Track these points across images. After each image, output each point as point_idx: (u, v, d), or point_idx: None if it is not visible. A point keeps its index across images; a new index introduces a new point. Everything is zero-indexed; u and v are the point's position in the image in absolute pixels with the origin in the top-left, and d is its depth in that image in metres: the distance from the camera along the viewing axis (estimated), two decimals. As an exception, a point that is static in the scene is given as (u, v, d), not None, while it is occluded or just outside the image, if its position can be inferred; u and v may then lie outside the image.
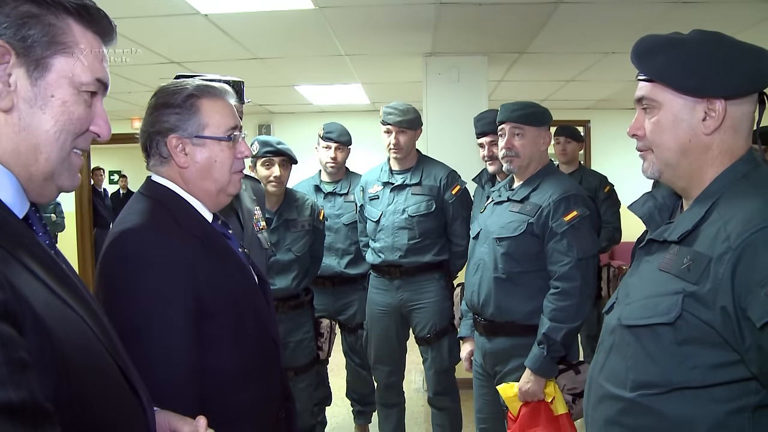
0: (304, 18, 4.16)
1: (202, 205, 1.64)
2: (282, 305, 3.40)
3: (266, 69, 5.74)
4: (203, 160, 1.60)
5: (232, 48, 4.86)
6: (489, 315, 2.81)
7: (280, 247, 3.42)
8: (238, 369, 1.58)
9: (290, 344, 3.45)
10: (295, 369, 3.49)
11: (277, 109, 8.45)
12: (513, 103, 2.82)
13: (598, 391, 1.49)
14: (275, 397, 1.75)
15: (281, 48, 5.07)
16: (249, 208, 2.51)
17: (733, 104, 1.37)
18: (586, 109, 8.36)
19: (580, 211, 2.66)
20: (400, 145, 3.61)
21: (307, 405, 3.58)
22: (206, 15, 4.02)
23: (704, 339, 1.26)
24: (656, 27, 3.95)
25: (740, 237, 1.23)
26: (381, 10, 4.09)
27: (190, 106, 1.59)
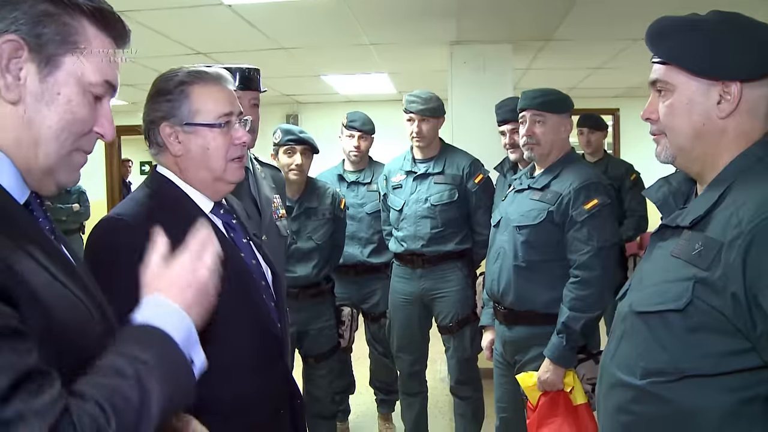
0: (327, 7, 4.16)
1: (200, 193, 1.63)
2: (302, 293, 3.43)
3: (292, 59, 5.75)
4: (197, 147, 1.59)
5: (257, 38, 4.87)
6: (509, 303, 2.80)
7: (301, 235, 3.44)
8: (229, 363, 1.50)
9: (311, 332, 3.48)
10: (315, 356, 3.52)
11: (304, 99, 8.48)
12: (534, 90, 2.80)
13: (609, 378, 1.47)
14: (275, 393, 1.70)
15: (306, 38, 5.08)
16: (267, 195, 2.52)
17: (750, 87, 1.33)
18: (616, 97, 8.27)
19: (600, 199, 2.63)
20: (422, 134, 3.60)
21: (327, 392, 3.61)
22: (230, 5, 4.04)
23: (715, 326, 1.24)
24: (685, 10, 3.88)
25: (752, 222, 1.20)
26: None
27: (180, 93, 1.58)
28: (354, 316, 3.76)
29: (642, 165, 4.98)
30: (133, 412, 0.86)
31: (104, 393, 0.84)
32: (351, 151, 4.03)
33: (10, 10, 0.95)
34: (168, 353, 0.96)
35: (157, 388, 0.90)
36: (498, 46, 5.22)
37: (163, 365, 0.93)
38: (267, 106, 8.03)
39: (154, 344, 0.94)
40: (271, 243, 2.38)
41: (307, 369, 3.56)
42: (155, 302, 1.01)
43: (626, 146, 8.31)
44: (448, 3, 4.12)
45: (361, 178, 4.11)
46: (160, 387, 0.90)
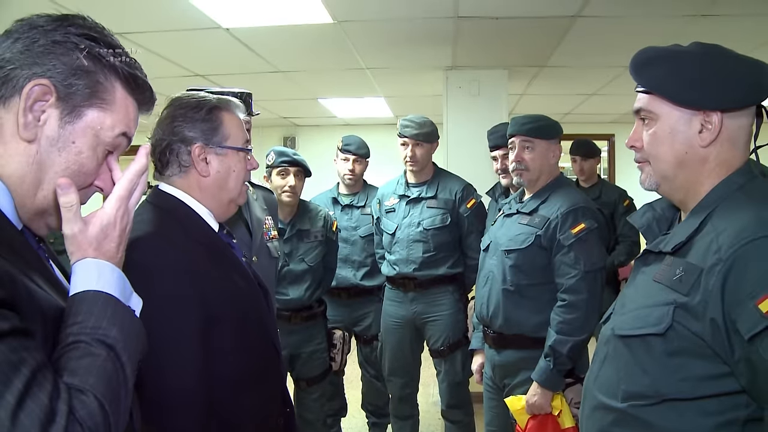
0: (323, 32, 4.21)
1: (210, 215, 1.68)
2: (295, 316, 3.45)
3: (289, 82, 5.81)
4: (223, 169, 1.67)
5: (254, 61, 4.93)
6: (498, 327, 2.81)
7: (293, 257, 3.46)
8: (241, 375, 1.60)
9: (303, 355, 3.49)
10: (307, 380, 3.53)
11: (302, 122, 8.53)
12: (523, 116, 2.84)
13: (592, 401, 1.49)
14: (275, 404, 1.78)
15: (303, 61, 5.13)
16: (259, 217, 2.55)
17: (730, 117, 1.37)
18: (611, 123, 8.33)
19: (587, 223, 2.66)
20: (416, 158, 3.64)
21: (319, 416, 3.61)
22: (228, 29, 4.10)
23: (694, 351, 1.26)
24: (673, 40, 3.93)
25: (731, 249, 1.23)
26: (399, 24, 4.13)
27: (215, 118, 1.66)
28: (346, 339, 3.76)
29: (637, 190, 4.98)
30: (120, 389, 0.94)
31: (95, 381, 0.91)
32: (346, 174, 4.07)
33: (52, 59, 1.01)
34: (119, 314, 1.01)
35: (125, 356, 0.97)
36: (493, 71, 5.28)
37: (123, 330, 0.99)
38: (264, 128, 8.13)
39: (107, 311, 0.99)
40: (261, 264, 2.41)
41: (299, 392, 3.56)
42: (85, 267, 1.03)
43: (621, 171, 8.36)
44: (444, 29, 4.18)
45: (355, 201, 4.14)
46: (128, 354, 0.98)
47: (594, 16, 3.82)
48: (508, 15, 3.86)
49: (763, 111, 1.42)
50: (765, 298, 1.16)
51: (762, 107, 1.42)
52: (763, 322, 1.16)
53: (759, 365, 1.17)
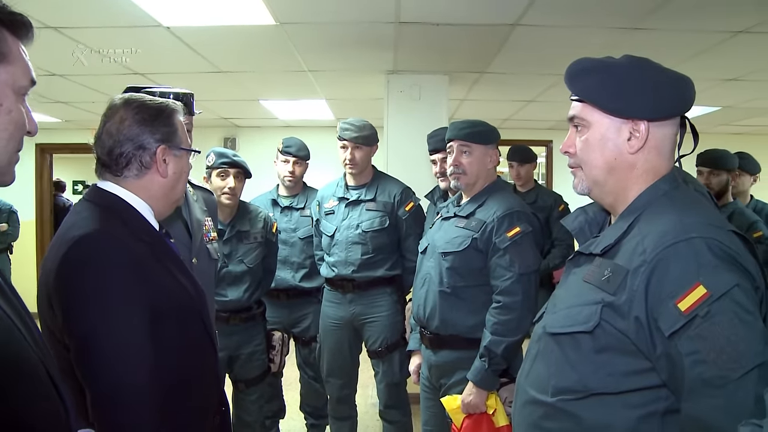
0: (265, 33, 4.20)
1: (151, 214, 1.69)
2: (234, 317, 3.44)
3: (230, 83, 5.76)
4: (178, 170, 1.73)
5: (195, 61, 4.88)
6: (434, 328, 2.85)
7: (232, 258, 3.45)
8: (183, 374, 1.62)
9: (242, 356, 3.48)
10: (246, 381, 3.52)
11: (243, 123, 8.46)
12: (461, 122, 2.89)
13: (523, 396, 1.55)
14: (213, 402, 1.79)
15: (244, 62, 5.10)
16: (198, 218, 2.54)
17: (657, 126, 1.44)
18: (549, 129, 8.50)
19: (522, 227, 2.72)
20: (355, 161, 3.67)
21: (257, 417, 3.60)
22: (168, 28, 4.04)
23: (620, 347, 1.33)
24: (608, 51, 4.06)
25: (654, 251, 1.30)
26: (341, 28, 4.14)
27: (174, 122, 1.71)
28: (285, 341, 3.77)
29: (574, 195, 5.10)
30: None
31: None
32: (285, 176, 4.07)
33: None
34: None
35: None
36: (434, 76, 5.34)
37: None
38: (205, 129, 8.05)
39: None
40: (200, 266, 2.40)
41: (237, 394, 3.55)
42: None
43: (559, 177, 8.54)
44: (386, 33, 4.22)
45: (294, 203, 4.14)
46: None
47: (532, 25, 3.91)
48: (449, 22, 3.92)
49: (686, 122, 1.50)
50: (684, 297, 1.23)
51: (685, 118, 1.50)
52: (681, 320, 1.23)
53: (678, 360, 1.24)
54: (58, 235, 1.57)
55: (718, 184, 3.98)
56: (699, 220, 1.33)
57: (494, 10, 3.67)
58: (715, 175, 4.00)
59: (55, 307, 1.46)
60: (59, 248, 1.49)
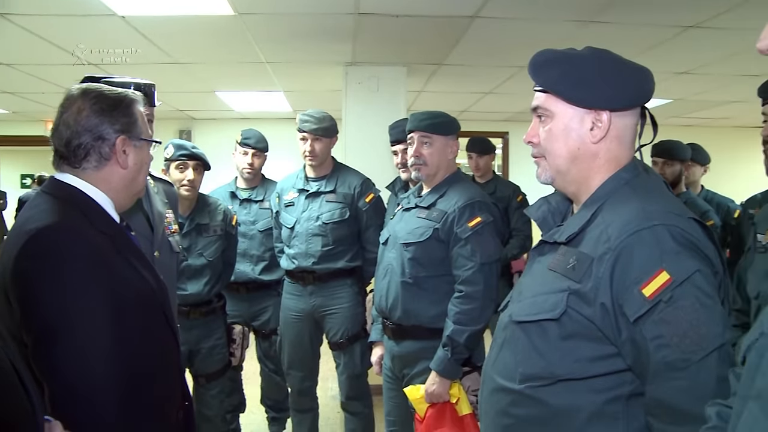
0: (224, 24, 4.15)
1: (111, 206, 1.67)
2: (194, 311, 3.40)
3: (186, 74, 5.69)
4: (139, 161, 1.71)
5: (151, 51, 4.80)
6: (396, 319, 2.86)
7: (191, 251, 3.41)
8: (147, 368, 1.60)
9: (202, 350, 3.45)
10: (206, 375, 3.49)
11: (198, 115, 8.37)
12: (422, 113, 2.90)
13: (491, 384, 1.56)
14: (176, 397, 1.77)
15: (201, 53, 5.04)
16: (160, 211, 2.50)
17: (618, 116, 1.47)
18: (505, 121, 8.57)
19: (483, 217, 2.74)
20: (315, 153, 3.65)
21: (218, 412, 3.57)
22: (123, 17, 3.97)
23: (586, 334, 1.35)
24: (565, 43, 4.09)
25: (618, 239, 1.32)
26: (301, 19, 4.11)
27: (135, 110, 1.69)
28: (245, 334, 3.75)
29: (529, 185, 5.15)
30: None
31: None
32: (244, 168, 4.04)
33: None
34: None
35: None
36: (392, 68, 5.34)
37: None
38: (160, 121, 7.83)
39: None
40: (162, 259, 2.37)
41: (198, 388, 3.50)
42: None
43: (515, 167, 8.64)
44: (345, 25, 4.20)
45: (253, 195, 4.11)
46: None
47: (491, 17, 3.93)
48: (408, 13, 3.92)
49: (646, 112, 1.53)
50: (648, 283, 1.27)
51: (645, 109, 1.53)
52: (646, 305, 1.26)
53: (642, 344, 1.27)
54: (15, 229, 1.54)
55: (671, 174, 4.07)
56: (661, 208, 1.36)
57: (453, 1, 3.69)
58: (669, 166, 4.09)
59: (13, 302, 1.43)
60: (16, 242, 1.46)
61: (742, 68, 5.24)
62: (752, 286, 2.16)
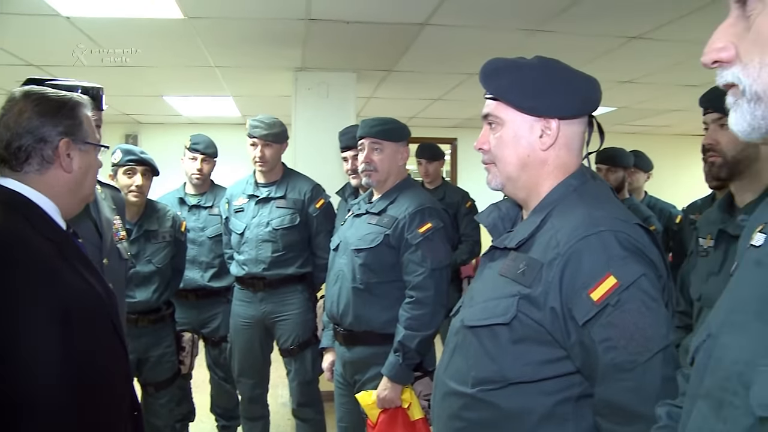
0: (173, 27, 4.10)
1: (57, 212, 1.62)
2: (142, 319, 3.35)
3: (133, 77, 5.59)
4: (84, 166, 1.66)
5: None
6: (348, 325, 2.87)
7: (140, 258, 3.36)
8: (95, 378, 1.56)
9: (151, 359, 3.40)
10: (155, 384, 3.44)
11: (145, 119, 8.22)
12: (372, 119, 2.91)
13: (443, 388, 1.57)
14: (125, 407, 1.74)
15: (149, 57, 4.95)
16: (108, 217, 2.46)
17: (567, 124, 1.50)
18: (453, 127, 8.64)
19: (434, 223, 2.77)
20: (265, 158, 3.64)
21: (168, 421, 3.52)
22: (68, 17, 3.88)
23: (536, 337, 1.37)
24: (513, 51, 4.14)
25: (567, 244, 1.35)
26: (251, 24, 4.09)
27: (79, 113, 1.64)
28: (195, 342, 3.70)
29: (477, 191, 5.21)
30: None
31: None
32: (193, 174, 4.00)
33: None
34: None
35: None
36: (342, 74, 5.35)
37: None
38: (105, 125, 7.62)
39: None
40: (111, 266, 2.33)
41: (146, 398, 3.45)
42: None
43: (463, 173, 8.71)
44: (295, 30, 4.19)
45: (202, 201, 4.08)
46: None
47: (441, 25, 3.97)
48: (359, 20, 3.93)
49: (594, 121, 1.57)
50: (596, 287, 1.30)
51: (593, 117, 1.56)
52: (594, 309, 1.29)
53: (591, 347, 1.30)
54: None
55: (615, 181, 4.17)
56: (608, 214, 1.39)
57: (405, 9, 3.71)
58: (613, 172, 4.19)
59: None
60: None
61: (684, 78, 5.40)
62: (695, 288, 2.22)
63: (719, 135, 2.08)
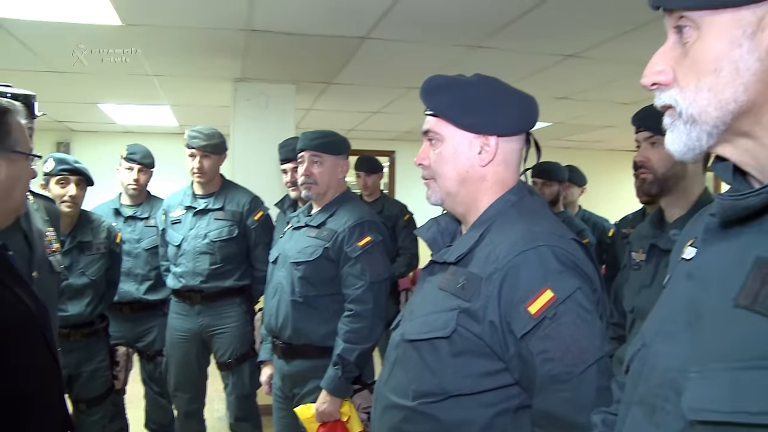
0: (110, 34, 4.01)
1: None
2: (74, 333, 3.27)
3: (66, 84, 5.44)
4: (13, 176, 1.58)
5: (27, 58, 4.57)
6: (287, 338, 2.86)
7: (73, 270, 3.28)
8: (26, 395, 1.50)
9: (83, 374, 3.31)
10: (87, 401, 3.35)
11: (78, 127, 8.03)
12: (313, 132, 2.92)
13: (383, 402, 1.58)
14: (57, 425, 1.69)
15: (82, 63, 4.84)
16: (40, 228, 2.39)
17: (505, 141, 1.54)
18: (392, 140, 8.71)
19: (373, 236, 2.79)
20: (203, 170, 3.61)
21: (101, 438, 3.43)
22: (-3, 19, 3.77)
23: (475, 350, 1.40)
24: (453, 67, 4.26)
25: (506, 259, 1.38)
26: (191, 33, 4.04)
27: (6, 122, 1.56)
28: (129, 356, 3.63)
29: (415, 204, 5.27)
30: None
31: None
32: (129, 184, 3.93)
33: None
34: None
35: None
36: (282, 85, 5.33)
37: None
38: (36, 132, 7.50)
39: None
40: (42, 279, 2.26)
41: (78, 414, 3.35)
42: None
43: (401, 186, 8.78)
44: (235, 41, 4.16)
45: (138, 212, 4.01)
46: None
47: (382, 39, 3.99)
48: (300, 32, 3.93)
49: (531, 138, 1.61)
50: (533, 301, 1.33)
51: (530, 134, 1.61)
52: (532, 322, 1.32)
53: (529, 359, 1.34)
54: None
55: (550, 195, 4.27)
56: (545, 230, 1.43)
57: (346, 22, 3.72)
58: (548, 186, 4.29)
59: None
60: None
61: (617, 96, 5.57)
62: (628, 301, 2.30)
63: (650, 153, 2.16)
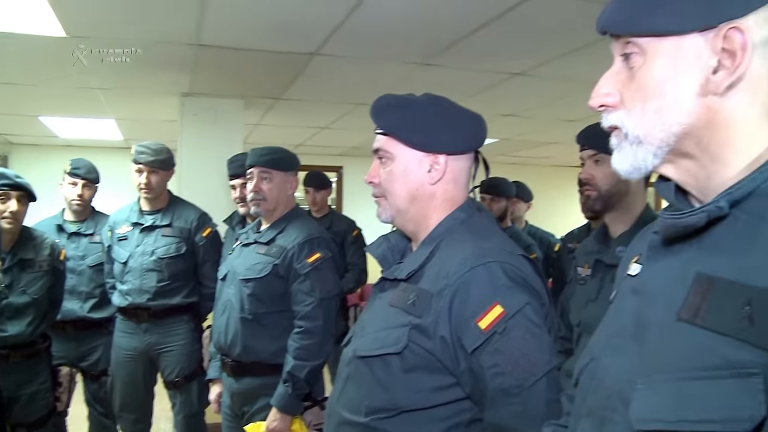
0: (53, 46, 3.93)
1: None
2: (14, 354, 3.17)
3: (5, 95, 5.31)
4: None
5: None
6: (236, 355, 2.83)
7: (14, 289, 3.18)
8: None
9: (23, 396, 3.20)
10: (28, 424, 3.24)
11: (17, 140, 7.81)
12: (262, 148, 2.91)
13: (336, 418, 1.58)
14: None
15: (25, 74, 4.72)
16: (-23, 247, 2.34)
17: (454, 159, 1.57)
18: (340, 155, 8.73)
19: (323, 253, 2.79)
20: (151, 185, 3.56)
21: (41, 462, 3.33)
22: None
23: (427, 366, 1.41)
24: (401, 83, 4.30)
25: (456, 275, 1.40)
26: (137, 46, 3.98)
27: None
28: (72, 376, 3.54)
29: (364, 220, 5.29)
30: None
31: None
32: (73, 200, 3.86)
33: None
34: None
35: None
36: (230, 100, 5.30)
37: None
38: (-30, 146, 7.28)
39: None
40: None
41: (17, 439, 3.26)
42: None
43: (349, 202, 8.80)
44: (183, 55, 4.12)
45: (82, 228, 3.93)
46: None
47: (330, 55, 4.01)
48: (248, 47, 3.91)
49: (479, 156, 1.64)
50: (483, 316, 1.35)
51: (478, 152, 1.64)
52: (482, 337, 1.35)
53: (480, 373, 1.36)
54: None
55: (498, 210, 4.33)
56: (494, 246, 1.46)
57: (295, 38, 3.73)
58: (496, 202, 4.35)
59: None
60: None
61: (563, 113, 5.71)
62: (574, 314, 2.35)
63: (594, 170, 2.22)
